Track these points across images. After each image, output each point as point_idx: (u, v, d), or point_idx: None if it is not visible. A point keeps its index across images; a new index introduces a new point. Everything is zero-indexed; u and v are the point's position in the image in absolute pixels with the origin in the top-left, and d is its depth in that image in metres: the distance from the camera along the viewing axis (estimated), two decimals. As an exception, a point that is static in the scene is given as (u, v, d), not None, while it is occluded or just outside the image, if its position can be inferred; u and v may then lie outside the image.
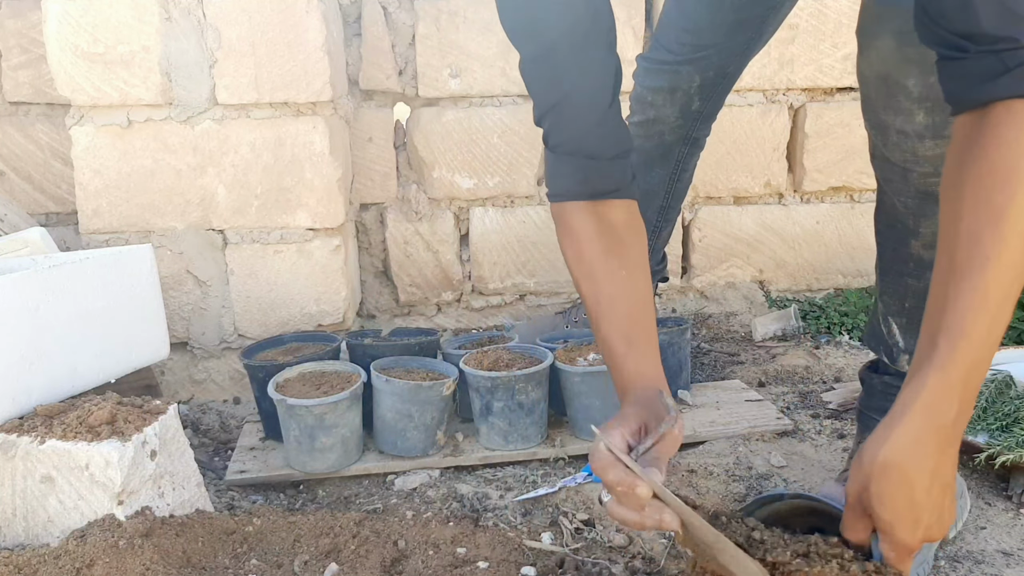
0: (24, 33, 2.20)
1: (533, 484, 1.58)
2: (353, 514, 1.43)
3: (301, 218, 2.01)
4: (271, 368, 1.69)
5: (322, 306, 2.05)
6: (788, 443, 1.70)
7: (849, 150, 2.32)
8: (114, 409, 1.34)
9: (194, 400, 2.06)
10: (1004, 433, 1.55)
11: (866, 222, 2.39)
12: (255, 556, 1.31)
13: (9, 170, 2.26)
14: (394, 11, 2.21)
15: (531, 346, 1.75)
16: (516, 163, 2.28)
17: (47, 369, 1.42)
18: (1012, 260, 0.84)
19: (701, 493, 1.53)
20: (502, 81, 2.23)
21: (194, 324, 2.05)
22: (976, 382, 0.87)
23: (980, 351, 0.85)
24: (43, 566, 1.18)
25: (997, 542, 1.38)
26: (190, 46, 1.92)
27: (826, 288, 2.44)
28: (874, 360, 1.43)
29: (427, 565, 1.30)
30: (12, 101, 2.26)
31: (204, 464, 1.68)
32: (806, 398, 1.91)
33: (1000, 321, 0.86)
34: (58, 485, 1.28)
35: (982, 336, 0.85)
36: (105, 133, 1.95)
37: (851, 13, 2.20)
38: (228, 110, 1.95)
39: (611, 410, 1.65)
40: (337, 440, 1.59)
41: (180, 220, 2.00)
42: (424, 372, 1.69)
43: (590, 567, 1.32)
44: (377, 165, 2.29)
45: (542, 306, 2.37)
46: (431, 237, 2.33)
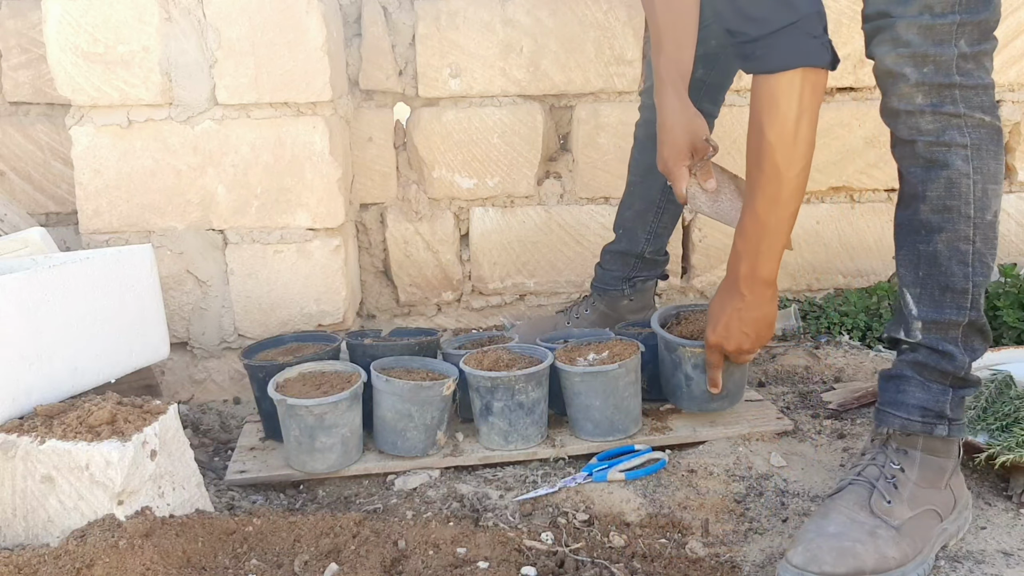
0: (24, 33, 2.20)
1: (533, 484, 1.58)
2: (353, 514, 1.43)
3: (301, 218, 2.01)
4: (271, 368, 1.69)
5: (322, 306, 2.05)
6: (788, 443, 1.70)
7: (849, 150, 2.32)
8: (114, 409, 1.34)
9: (194, 400, 2.06)
10: (1004, 433, 1.55)
11: (866, 222, 2.39)
12: (255, 556, 1.31)
13: (9, 170, 2.26)
14: (394, 11, 2.21)
15: (531, 346, 1.75)
16: (516, 163, 2.28)
17: (47, 369, 1.42)
18: (768, 188, 1.43)
19: (701, 493, 1.53)
20: (502, 81, 2.23)
21: (194, 324, 2.05)
22: (754, 256, 1.49)
23: (751, 242, 1.49)
24: (43, 566, 1.18)
25: (997, 542, 1.38)
26: (190, 46, 1.92)
27: (826, 288, 2.43)
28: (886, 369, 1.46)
29: (427, 565, 1.30)
30: (12, 101, 2.26)
31: (204, 464, 1.68)
32: (806, 398, 1.91)
33: (765, 226, 1.46)
34: (58, 485, 1.28)
35: (753, 233, 1.48)
36: (105, 133, 1.95)
37: (851, 13, 2.20)
38: (228, 110, 1.95)
39: (611, 410, 1.65)
40: (337, 440, 1.59)
41: (180, 220, 2.00)
42: (424, 372, 1.69)
43: (590, 567, 1.32)
44: (377, 165, 2.29)
45: (542, 306, 2.37)
46: (431, 237, 2.33)
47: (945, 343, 1.36)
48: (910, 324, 1.38)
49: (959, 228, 1.33)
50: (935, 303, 1.36)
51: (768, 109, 1.39)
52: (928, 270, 1.36)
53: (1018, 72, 2.33)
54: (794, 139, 1.39)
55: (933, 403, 1.36)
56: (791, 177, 1.42)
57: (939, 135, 1.32)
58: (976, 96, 1.32)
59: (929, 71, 1.29)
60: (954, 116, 1.31)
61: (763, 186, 1.44)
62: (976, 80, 1.31)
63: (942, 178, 1.32)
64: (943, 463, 1.37)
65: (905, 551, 1.28)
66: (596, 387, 1.63)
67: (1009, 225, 2.43)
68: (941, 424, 1.36)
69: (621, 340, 1.74)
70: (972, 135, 1.32)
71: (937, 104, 1.31)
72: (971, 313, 1.35)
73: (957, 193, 1.32)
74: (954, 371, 1.35)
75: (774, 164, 1.41)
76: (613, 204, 2.33)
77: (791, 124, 1.38)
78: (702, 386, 1.69)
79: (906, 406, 1.37)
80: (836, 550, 1.25)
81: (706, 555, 1.37)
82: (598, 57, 2.22)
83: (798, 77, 1.35)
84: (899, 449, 1.37)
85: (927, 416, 1.36)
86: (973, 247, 1.34)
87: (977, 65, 1.32)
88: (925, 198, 1.35)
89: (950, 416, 1.36)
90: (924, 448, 1.36)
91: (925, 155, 1.34)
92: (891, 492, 1.33)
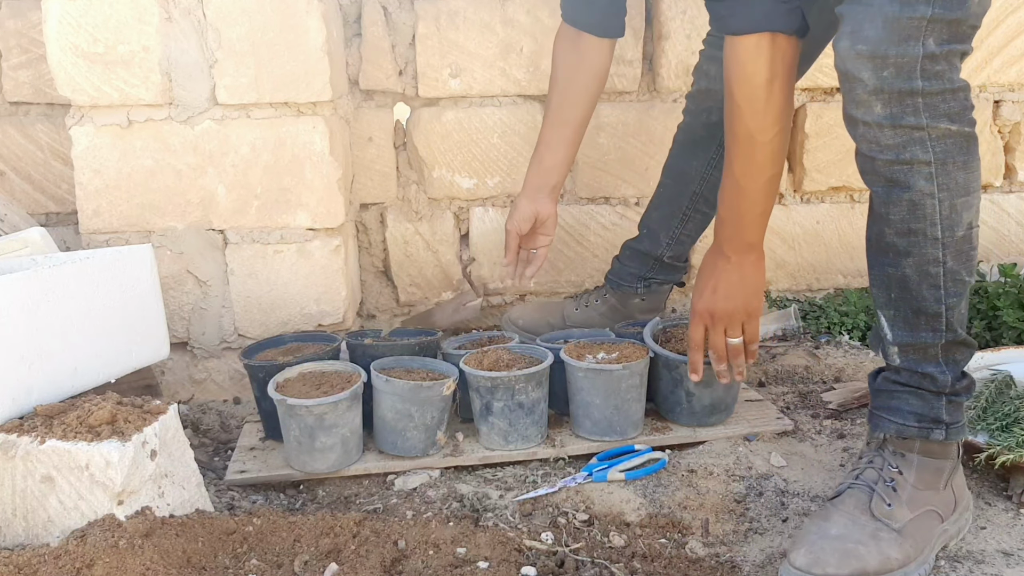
0: (24, 33, 2.20)
1: (533, 484, 1.58)
2: (353, 514, 1.43)
3: (301, 218, 2.01)
4: (271, 368, 1.69)
5: (322, 306, 2.05)
6: (788, 443, 1.70)
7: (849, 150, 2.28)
8: (114, 409, 1.34)
9: (194, 400, 2.06)
10: (1004, 433, 1.55)
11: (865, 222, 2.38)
12: (255, 556, 1.31)
13: (9, 170, 2.26)
14: (394, 11, 2.21)
15: (531, 346, 1.76)
16: (516, 163, 2.28)
17: (47, 369, 1.42)
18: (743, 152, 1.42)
19: (701, 493, 1.53)
20: (502, 81, 2.23)
21: (194, 324, 2.05)
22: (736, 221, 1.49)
23: (732, 206, 1.48)
24: (43, 566, 1.18)
25: (997, 542, 1.38)
26: (190, 46, 1.92)
27: (826, 288, 2.43)
28: (877, 368, 1.44)
29: (427, 565, 1.30)
30: (12, 101, 2.25)
31: (204, 464, 1.68)
32: (806, 398, 1.91)
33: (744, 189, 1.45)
34: (58, 485, 1.28)
35: (733, 197, 1.47)
36: (105, 133, 1.95)
37: (851, 13, 2.20)
38: (228, 110, 1.95)
39: (610, 410, 1.65)
40: (337, 440, 1.59)
41: (180, 220, 2.00)
42: (424, 372, 1.69)
43: (590, 567, 1.32)
44: (377, 165, 2.29)
45: (542, 306, 2.37)
46: (431, 237, 2.33)
47: (924, 364, 1.33)
48: (887, 348, 1.35)
49: (926, 251, 1.28)
50: (909, 326, 1.32)
51: (736, 73, 1.37)
52: (899, 293, 1.31)
53: (1018, 72, 2.33)
54: (765, 104, 1.37)
55: (928, 410, 1.35)
56: (764, 142, 1.39)
57: (899, 152, 1.24)
58: (943, 102, 1.22)
59: (889, 75, 1.20)
60: (916, 129, 1.22)
61: (737, 152, 1.42)
62: (944, 84, 1.21)
63: (904, 200, 1.26)
64: (941, 464, 1.36)
65: (908, 552, 1.27)
66: (598, 385, 1.63)
67: (1009, 225, 2.43)
68: (938, 428, 1.35)
69: (632, 343, 1.74)
70: (936, 148, 1.23)
71: (897, 116, 1.22)
72: (947, 334, 1.31)
73: (922, 215, 1.26)
74: (938, 389, 1.34)
75: (746, 128, 1.39)
76: (613, 204, 2.34)
77: (761, 89, 1.36)
78: (703, 402, 1.69)
79: (901, 412, 1.36)
80: (839, 552, 1.24)
81: (706, 555, 1.37)
82: (598, 57, 2.22)
83: (764, 41, 1.34)
84: (896, 452, 1.36)
85: (923, 421, 1.35)
86: (944, 268, 1.28)
87: (948, 66, 1.21)
88: (888, 221, 1.29)
89: (947, 420, 1.35)
90: (921, 451, 1.35)
91: (885, 174, 1.27)
92: (890, 495, 1.32)
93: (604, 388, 1.63)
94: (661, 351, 1.70)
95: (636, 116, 2.27)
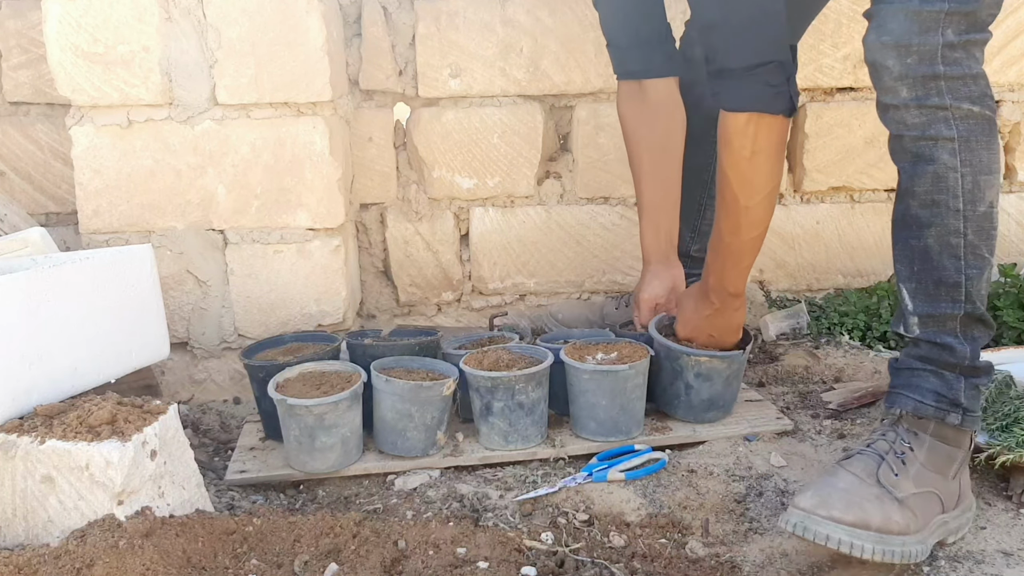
0: (24, 33, 2.20)
1: (533, 484, 1.58)
2: (353, 514, 1.43)
3: (301, 218, 2.01)
4: (271, 368, 1.69)
5: (322, 306, 2.05)
6: (788, 443, 1.70)
7: (849, 150, 2.32)
8: (114, 409, 1.34)
9: (194, 400, 2.06)
10: (1004, 433, 1.55)
11: (866, 222, 2.39)
12: (255, 556, 1.31)
13: (9, 170, 2.26)
14: (394, 11, 2.21)
15: (531, 346, 1.76)
16: (516, 163, 2.28)
17: (47, 369, 1.42)
18: (729, 215, 1.53)
19: (701, 493, 1.53)
20: (502, 81, 2.23)
21: (194, 324, 2.05)
22: (721, 272, 1.62)
23: (718, 259, 1.60)
24: (43, 566, 1.18)
25: (997, 542, 1.38)
26: (190, 46, 1.92)
27: (826, 288, 2.43)
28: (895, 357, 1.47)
29: (427, 565, 1.30)
30: (12, 101, 2.26)
31: (204, 464, 1.68)
32: (806, 398, 1.91)
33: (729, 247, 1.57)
34: (58, 485, 1.28)
35: (719, 252, 1.59)
36: (105, 133, 1.95)
37: (851, 13, 2.20)
38: (228, 110, 1.95)
39: (616, 410, 1.65)
40: (337, 440, 1.59)
41: (180, 220, 2.00)
42: (424, 372, 1.69)
43: (590, 567, 1.32)
44: (377, 165, 2.29)
45: (541, 306, 2.37)
46: (431, 237, 2.33)
47: (943, 335, 1.36)
48: (908, 319, 1.39)
49: (948, 222, 1.33)
50: (929, 297, 1.36)
51: (724, 145, 1.49)
52: (921, 265, 1.36)
53: (1018, 72, 2.33)
54: (750, 174, 1.48)
55: (947, 390, 1.36)
56: (750, 207, 1.51)
57: (925, 129, 1.31)
58: (964, 86, 1.30)
59: (912, 62, 1.28)
60: (940, 108, 1.30)
61: (724, 213, 1.54)
62: (964, 69, 1.29)
63: (929, 173, 1.32)
64: (952, 452, 1.37)
65: (908, 522, 1.29)
66: (605, 386, 1.63)
67: (1009, 225, 2.43)
68: (954, 412, 1.36)
69: (629, 343, 1.75)
70: (960, 127, 1.31)
71: (922, 97, 1.30)
72: (966, 306, 1.35)
73: (945, 187, 1.32)
74: (957, 362, 1.36)
75: (732, 195, 1.50)
76: (613, 204, 2.34)
77: (744, 161, 1.47)
78: (702, 395, 1.71)
79: (921, 389, 1.38)
80: (845, 500, 1.27)
81: (706, 555, 1.37)
82: (598, 57, 2.22)
83: (752, 120, 1.45)
84: (910, 430, 1.37)
85: (941, 402, 1.36)
86: (965, 240, 1.33)
87: (966, 54, 1.30)
88: (914, 194, 1.35)
89: (965, 405, 1.36)
90: (935, 434, 1.36)
91: (912, 150, 1.33)
92: (899, 467, 1.34)
93: (610, 389, 1.64)
94: (664, 340, 1.72)
95: (636, 116, 2.27)
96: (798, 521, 1.26)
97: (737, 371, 1.74)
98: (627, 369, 1.63)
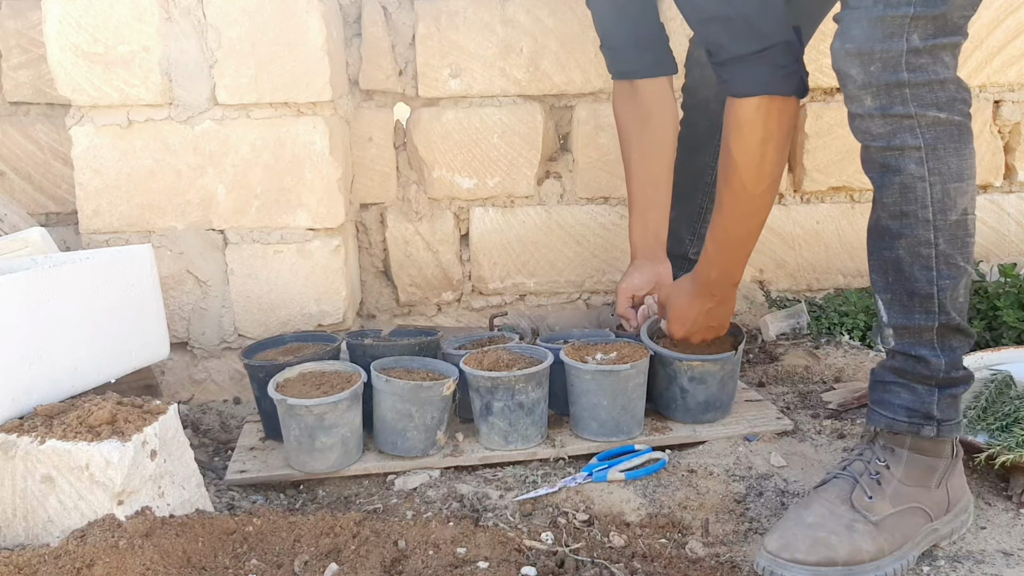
0: (24, 33, 2.20)
1: (533, 484, 1.58)
2: (353, 514, 1.43)
3: (301, 218, 2.01)
4: (271, 368, 1.69)
5: (322, 306, 2.05)
6: (788, 443, 1.70)
7: (849, 150, 2.32)
8: (114, 409, 1.34)
9: (194, 400, 2.06)
10: (1004, 433, 1.55)
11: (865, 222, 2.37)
12: (255, 556, 1.31)
13: (9, 170, 2.26)
14: (394, 11, 2.21)
15: (531, 346, 1.76)
16: (516, 163, 2.28)
17: (47, 369, 1.42)
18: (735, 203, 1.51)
19: (701, 493, 1.53)
20: (502, 81, 2.23)
21: (194, 324, 2.05)
22: (725, 263, 1.60)
23: (720, 251, 1.58)
24: (43, 566, 1.18)
25: (997, 542, 1.38)
26: (190, 46, 1.92)
27: (826, 288, 2.43)
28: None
29: (427, 565, 1.30)
30: (12, 101, 2.25)
31: (204, 464, 1.68)
32: (806, 398, 1.91)
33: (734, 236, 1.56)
34: (58, 485, 1.28)
35: (722, 243, 1.57)
36: (105, 133, 1.95)
37: (851, 13, 2.20)
38: (228, 110, 1.95)
39: (618, 410, 1.65)
40: (337, 440, 1.59)
41: (180, 220, 2.00)
42: (424, 372, 1.69)
43: (590, 567, 1.32)
44: (377, 165, 2.29)
45: (542, 306, 2.37)
46: (431, 237, 2.33)
47: (918, 347, 1.34)
48: (883, 331, 1.37)
49: (918, 233, 1.30)
50: (904, 308, 1.34)
51: (734, 131, 1.46)
52: (895, 276, 1.34)
53: (1018, 72, 2.33)
54: (759, 161, 1.46)
55: (919, 404, 1.35)
56: (756, 194, 1.50)
57: (890, 139, 1.28)
58: (930, 92, 1.26)
59: (875, 70, 1.25)
60: (905, 117, 1.27)
61: (729, 201, 1.52)
62: (929, 75, 1.25)
63: (896, 183, 1.30)
64: (933, 463, 1.36)
65: (881, 546, 1.28)
66: (606, 386, 1.63)
67: (1009, 225, 2.43)
68: (928, 425, 1.35)
69: (628, 343, 1.75)
70: (926, 135, 1.27)
71: (887, 106, 1.27)
72: (940, 317, 1.32)
73: (912, 198, 1.29)
74: (932, 374, 1.34)
75: (740, 182, 1.48)
76: (613, 204, 2.34)
77: (755, 147, 1.45)
78: (698, 398, 1.71)
79: (892, 406, 1.37)
80: (810, 539, 1.26)
81: (706, 555, 1.37)
82: (598, 57, 2.22)
83: (763, 103, 1.43)
84: (886, 447, 1.37)
85: (913, 416, 1.35)
86: (936, 250, 1.30)
87: (932, 59, 1.25)
88: (883, 204, 1.33)
89: (938, 417, 1.35)
90: (912, 447, 1.36)
91: (879, 160, 1.31)
92: (874, 488, 1.33)
93: (612, 389, 1.64)
94: (655, 347, 1.72)
95: (636, 116, 2.27)
96: (766, 565, 1.27)
97: (732, 371, 1.74)
98: (628, 369, 1.63)
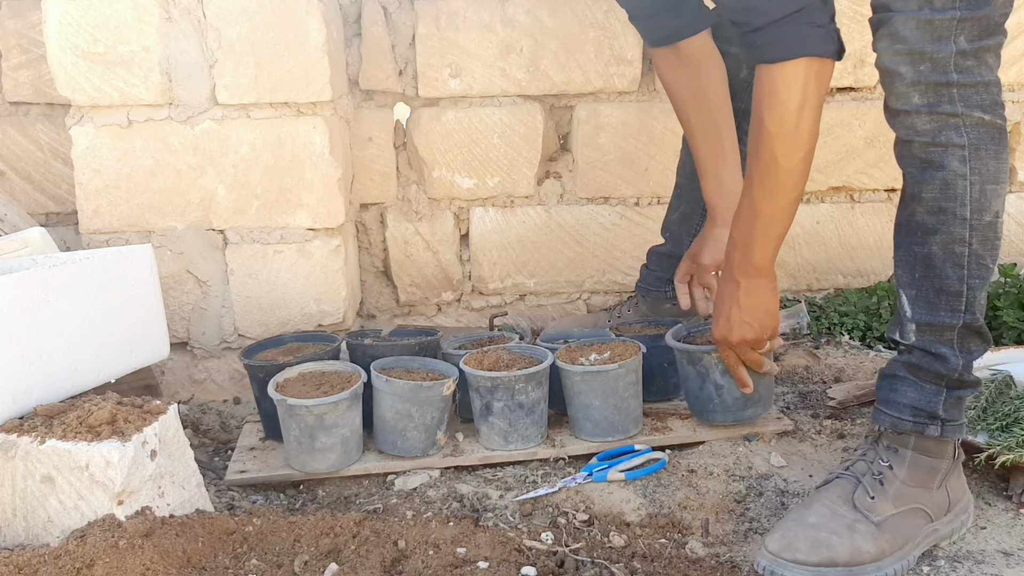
0: (24, 33, 2.20)
1: (533, 484, 1.58)
2: (353, 514, 1.43)
3: (301, 218, 2.01)
4: (271, 368, 1.69)
5: (322, 306, 2.05)
6: (788, 443, 1.70)
7: (849, 150, 2.32)
8: (114, 409, 1.34)
9: (194, 400, 2.06)
10: (1004, 433, 1.55)
11: (866, 222, 2.39)
12: (255, 556, 1.31)
13: (9, 170, 2.26)
14: (394, 11, 2.21)
15: (531, 346, 1.76)
16: (516, 163, 2.28)
17: (47, 369, 1.42)
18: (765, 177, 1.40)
19: (701, 493, 1.53)
20: (502, 81, 2.23)
21: (194, 324, 2.05)
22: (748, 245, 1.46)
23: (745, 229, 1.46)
24: (43, 566, 1.18)
25: (997, 542, 1.38)
26: (190, 46, 1.92)
27: (826, 288, 2.43)
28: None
29: (427, 565, 1.30)
30: (12, 101, 2.25)
31: (204, 464, 1.68)
32: (806, 398, 1.91)
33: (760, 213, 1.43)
34: (58, 485, 1.28)
35: (747, 220, 1.45)
36: (105, 133, 1.95)
37: (851, 13, 2.20)
38: (228, 110, 1.95)
39: (610, 410, 1.65)
40: (337, 440, 1.59)
41: (180, 220, 2.00)
42: (424, 372, 1.69)
43: (590, 567, 1.32)
44: (377, 165, 2.29)
45: (542, 306, 2.37)
46: (431, 237, 2.33)
47: (939, 345, 1.35)
48: (905, 326, 1.38)
49: (954, 230, 1.32)
50: (929, 305, 1.35)
51: (768, 98, 1.37)
52: (923, 272, 1.35)
53: (1018, 72, 2.32)
54: (795, 129, 1.37)
55: (925, 403, 1.35)
56: (790, 167, 1.39)
57: (935, 136, 1.30)
58: (976, 94, 1.29)
59: (925, 69, 1.28)
60: (951, 116, 1.29)
61: (759, 174, 1.42)
62: (976, 77, 1.29)
63: (937, 179, 1.31)
64: (936, 463, 1.36)
65: (882, 547, 1.28)
66: (596, 387, 1.63)
67: (1009, 225, 2.43)
68: (933, 424, 1.35)
69: (623, 341, 1.74)
70: (970, 135, 1.30)
71: (934, 104, 1.29)
72: (966, 316, 1.33)
73: (952, 195, 1.31)
74: (947, 373, 1.35)
75: (772, 153, 1.38)
76: (613, 204, 2.34)
77: (792, 114, 1.36)
78: (734, 392, 1.64)
79: (898, 405, 1.37)
80: (811, 540, 1.27)
81: (706, 555, 1.37)
82: (598, 57, 2.22)
83: (801, 66, 1.34)
84: (890, 447, 1.37)
85: (919, 416, 1.35)
86: (969, 249, 1.32)
87: (978, 62, 1.29)
88: (921, 199, 1.34)
89: (943, 417, 1.35)
90: (916, 447, 1.36)
91: (921, 156, 1.32)
92: (876, 488, 1.33)
93: (601, 389, 1.63)
94: (680, 344, 1.68)
95: (636, 116, 2.27)
96: (767, 565, 1.27)
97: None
98: (616, 368, 1.62)
